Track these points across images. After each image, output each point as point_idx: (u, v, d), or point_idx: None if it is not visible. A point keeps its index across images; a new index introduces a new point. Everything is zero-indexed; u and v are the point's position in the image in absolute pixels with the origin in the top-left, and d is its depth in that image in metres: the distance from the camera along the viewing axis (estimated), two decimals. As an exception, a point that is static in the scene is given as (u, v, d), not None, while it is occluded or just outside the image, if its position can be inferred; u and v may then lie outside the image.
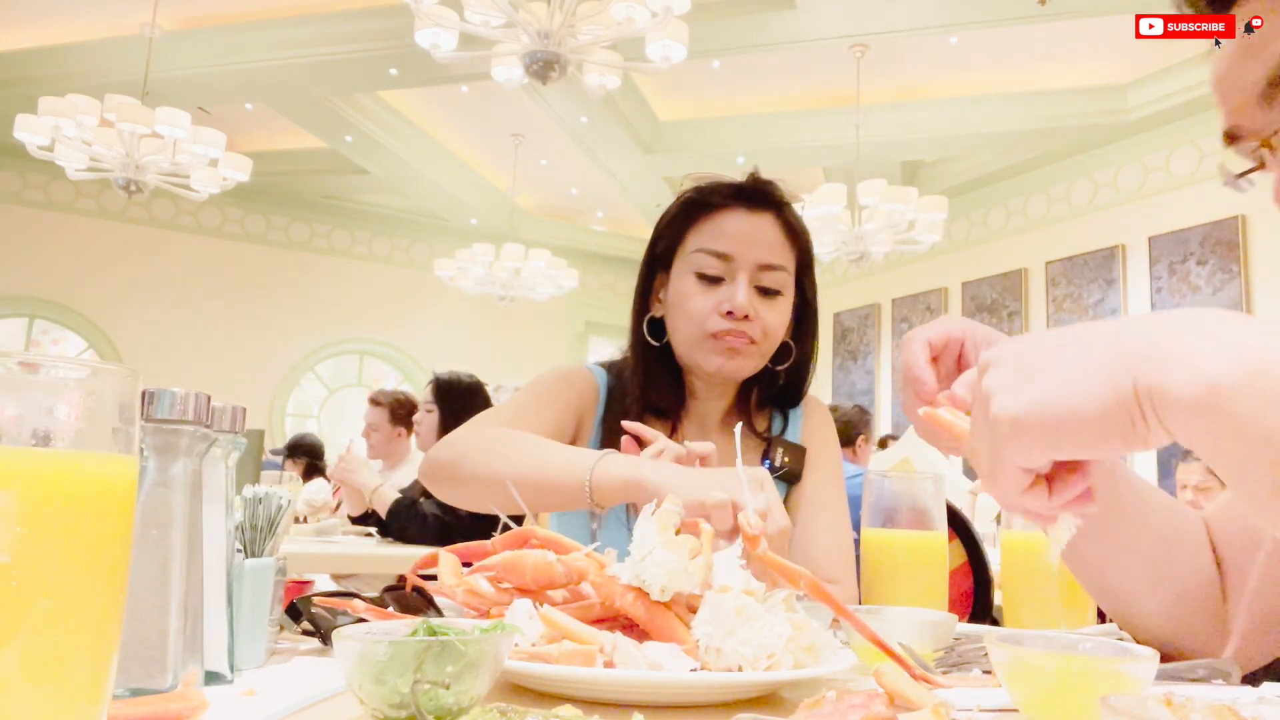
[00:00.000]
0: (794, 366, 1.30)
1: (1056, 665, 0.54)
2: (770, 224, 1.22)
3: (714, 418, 1.32)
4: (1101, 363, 0.49)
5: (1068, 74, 6.12)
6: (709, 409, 1.31)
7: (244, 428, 0.71)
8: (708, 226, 1.22)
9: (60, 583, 0.40)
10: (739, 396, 1.33)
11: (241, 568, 0.73)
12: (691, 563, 0.66)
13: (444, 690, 0.50)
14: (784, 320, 1.23)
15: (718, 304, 1.18)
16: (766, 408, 1.34)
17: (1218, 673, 0.70)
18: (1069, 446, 0.50)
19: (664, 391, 1.27)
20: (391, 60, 6.09)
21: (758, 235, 1.21)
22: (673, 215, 1.27)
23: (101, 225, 8.22)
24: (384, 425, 3.96)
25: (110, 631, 0.42)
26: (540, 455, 1.03)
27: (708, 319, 1.19)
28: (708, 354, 1.20)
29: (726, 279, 1.19)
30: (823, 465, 1.30)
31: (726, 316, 1.18)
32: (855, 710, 0.47)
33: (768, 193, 1.24)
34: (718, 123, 7.06)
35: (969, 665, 0.74)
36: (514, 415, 1.20)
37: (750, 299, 1.18)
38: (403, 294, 9.34)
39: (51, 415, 0.41)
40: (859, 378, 8.52)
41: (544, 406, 1.23)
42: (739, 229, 1.21)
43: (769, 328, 1.20)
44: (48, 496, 0.40)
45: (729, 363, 1.20)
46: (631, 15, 3.88)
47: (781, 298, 1.22)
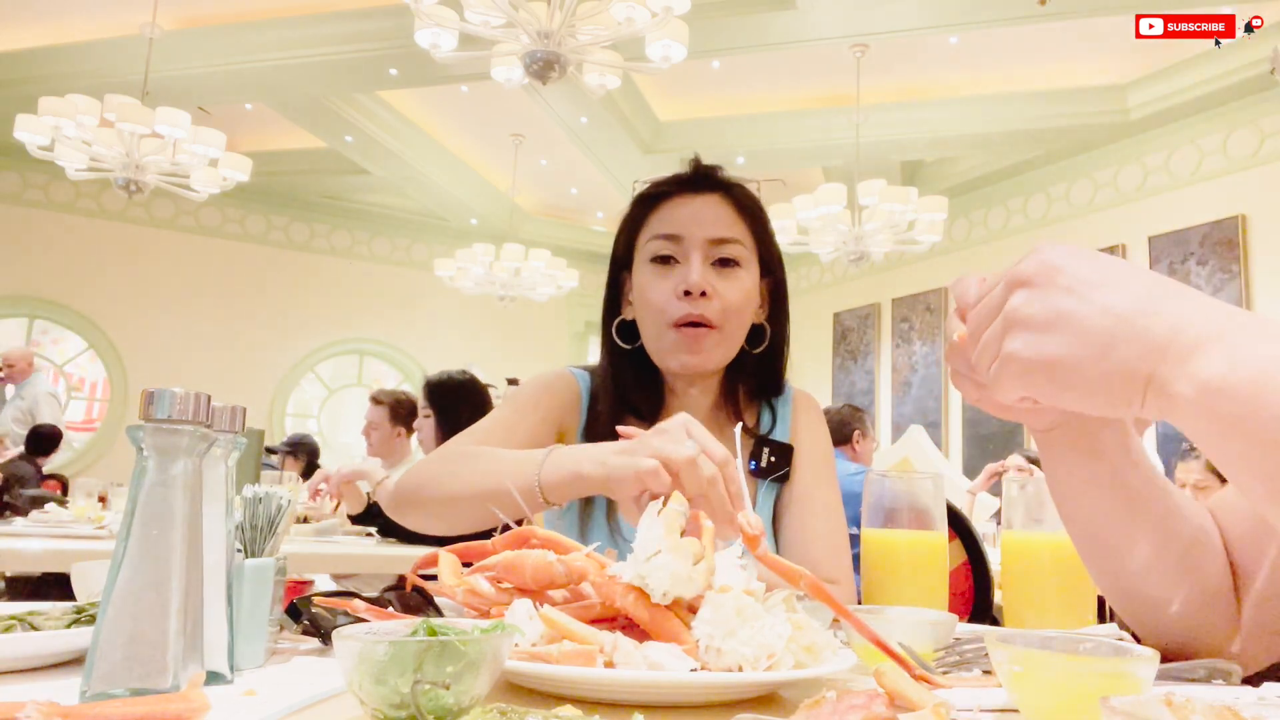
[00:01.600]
0: (770, 349, 1.28)
1: (1056, 665, 0.54)
2: (717, 202, 1.23)
3: (700, 415, 1.29)
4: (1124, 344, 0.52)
5: (1068, 74, 6.12)
6: (692, 405, 1.28)
7: (244, 428, 0.71)
8: (657, 216, 1.23)
9: None
10: (724, 390, 1.30)
11: (241, 568, 0.73)
12: (695, 569, 0.66)
13: (444, 690, 0.50)
14: (745, 295, 1.21)
15: (675, 286, 1.17)
16: (754, 401, 1.31)
17: (1218, 673, 0.70)
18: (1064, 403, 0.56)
19: (640, 392, 1.26)
20: (391, 60, 6.09)
21: (705, 213, 1.21)
22: (627, 215, 1.28)
23: (101, 225, 8.22)
24: (384, 424, 3.96)
25: None
26: (491, 466, 1.01)
27: (667, 305, 1.18)
28: (672, 350, 1.20)
29: (680, 259, 1.19)
30: (813, 463, 1.28)
31: (684, 298, 1.16)
32: (855, 710, 0.47)
33: (711, 176, 1.26)
34: (718, 123, 7.06)
35: (969, 665, 0.74)
36: (486, 433, 1.19)
37: (705, 275, 1.17)
38: (403, 294, 9.34)
39: None
40: (859, 378, 8.52)
41: (518, 419, 1.22)
42: (686, 210, 1.22)
43: (729, 303, 1.18)
44: None
45: (692, 357, 1.19)
46: (631, 15, 3.88)
47: (740, 269, 1.21)
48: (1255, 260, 5.80)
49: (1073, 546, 0.97)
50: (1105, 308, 0.53)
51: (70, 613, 0.76)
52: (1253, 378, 0.47)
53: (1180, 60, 5.81)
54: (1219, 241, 5.95)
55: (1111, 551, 0.78)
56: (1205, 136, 6.11)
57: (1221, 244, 5.94)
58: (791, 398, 1.33)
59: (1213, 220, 6.00)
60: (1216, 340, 0.49)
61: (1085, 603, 0.97)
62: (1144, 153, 6.47)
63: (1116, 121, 6.28)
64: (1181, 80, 5.89)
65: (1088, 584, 0.97)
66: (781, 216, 6.01)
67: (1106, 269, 0.56)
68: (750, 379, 1.30)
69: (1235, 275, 5.83)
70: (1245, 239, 5.84)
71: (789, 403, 1.32)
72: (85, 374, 8.52)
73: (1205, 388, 0.49)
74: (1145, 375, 0.51)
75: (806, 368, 8.90)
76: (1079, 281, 0.55)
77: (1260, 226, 5.80)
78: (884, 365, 8.34)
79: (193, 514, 0.59)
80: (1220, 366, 0.48)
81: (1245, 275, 5.80)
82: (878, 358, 8.41)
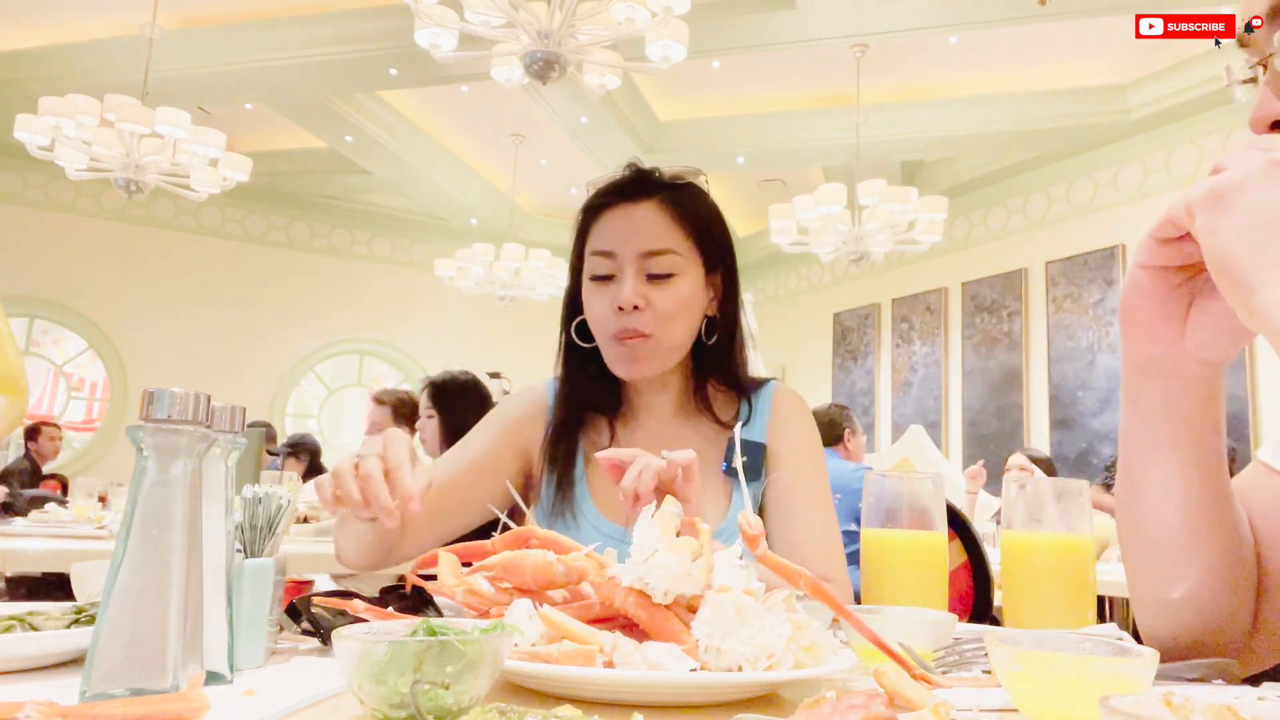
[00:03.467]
0: (723, 339, 1.29)
1: (1056, 665, 0.54)
2: (651, 211, 1.24)
3: (666, 409, 1.31)
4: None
5: (1068, 74, 6.12)
6: (655, 401, 1.30)
7: (244, 428, 0.71)
8: (595, 229, 1.26)
9: None
10: (689, 385, 1.32)
11: (241, 568, 0.73)
12: (694, 565, 0.66)
13: (443, 690, 0.50)
14: (681, 302, 1.22)
15: (611, 301, 1.21)
16: (731, 395, 1.32)
17: (1218, 672, 0.70)
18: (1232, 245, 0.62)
19: (597, 391, 1.30)
20: (391, 60, 6.09)
21: (637, 226, 1.23)
22: (576, 226, 1.31)
23: (101, 225, 8.22)
24: (387, 424, 3.96)
25: None
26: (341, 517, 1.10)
27: (605, 319, 1.22)
28: (614, 361, 1.24)
29: (616, 275, 1.22)
30: (797, 461, 1.28)
31: (619, 313, 1.20)
32: (855, 710, 0.47)
33: (645, 181, 1.27)
34: (718, 123, 7.06)
35: (969, 665, 0.74)
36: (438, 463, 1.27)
37: (638, 289, 1.20)
38: (403, 294, 9.34)
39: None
40: (859, 378, 8.52)
41: (472, 440, 1.30)
42: (618, 224, 1.24)
43: (662, 313, 1.21)
44: None
45: (633, 367, 1.23)
46: (631, 15, 3.87)
47: (674, 279, 1.22)
48: (1255, 260, 5.79)
49: (1072, 546, 0.97)
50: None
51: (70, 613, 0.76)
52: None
53: (1180, 60, 5.80)
54: (1219, 241, 5.95)
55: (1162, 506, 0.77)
56: (1205, 136, 6.11)
57: (1221, 244, 5.93)
58: (772, 394, 1.33)
59: (1213, 220, 5.99)
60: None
61: (1085, 603, 0.97)
62: (1144, 153, 6.47)
63: (1116, 121, 6.28)
64: (1181, 80, 5.89)
65: (1088, 584, 0.97)
66: (781, 216, 6.01)
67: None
68: (716, 373, 1.31)
69: (1235, 275, 5.82)
70: (1245, 239, 5.83)
71: (769, 399, 1.32)
72: (85, 374, 8.52)
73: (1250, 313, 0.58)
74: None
75: (806, 368, 8.90)
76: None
77: (1260, 226, 5.79)
78: (884, 365, 8.34)
79: (192, 514, 0.59)
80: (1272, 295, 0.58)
81: (1245, 275, 5.79)
82: (878, 358, 8.41)
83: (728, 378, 1.31)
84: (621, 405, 1.31)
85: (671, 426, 1.30)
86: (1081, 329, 6.69)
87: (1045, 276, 7.04)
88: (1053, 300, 6.96)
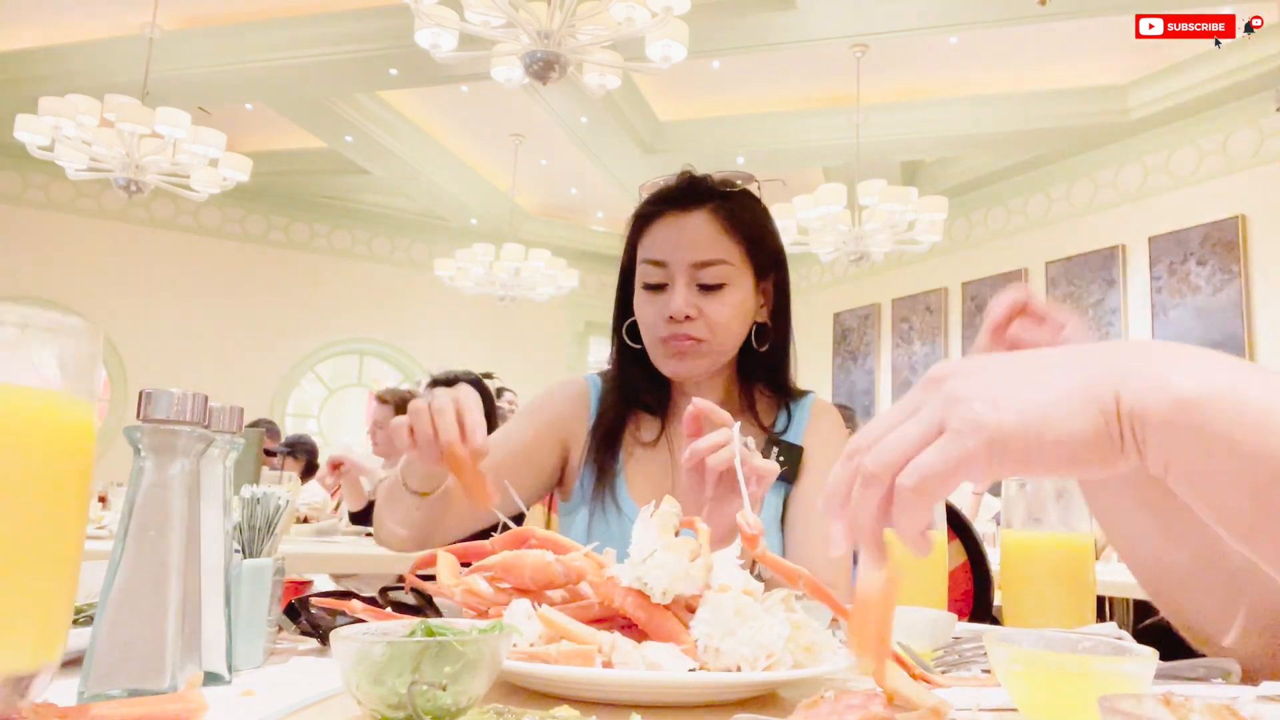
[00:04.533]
0: (774, 347, 1.32)
1: (1056, 665, 0.54)
2: (703, 220, 1.25)
3: None
4: (1081, 385, 0.47)
5: (1068, 74, 6.12)
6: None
7: (242, 428, 0.71)
8: (648, 237, 1.28)
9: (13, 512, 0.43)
10: (737, 390, 1.34)
11: (239, 568, 0.73)
12: (693, 565, 0.66)
13: (441, 691, 0.50)
14: (732, 311, 1.24)
15: (661, 310, 1.23)
16: (774, 403, 1.34)
17: (1217, 671, 0.70)
18: (1045, 465, 0.47)
19: (646, 388, 1.33)
20: (391, 60, 6.09)
21: (688, 236, 1.24)
22: (628, 231, 1.33)
23: (101, 225, 8.21)
24: (389, 423, 3.96)
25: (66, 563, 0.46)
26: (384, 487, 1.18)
27: (656, 326, 1.24)
28: (662, 359, 1.27)
29: (668, 284, 1.24)
30: (820, 468, 1.30)
31: (669, 322, 1.22)
32: (853, 710, 0.47)
33: (697, 189, 1.28)
34: (718, 123, 7.05)
35: (968, 665, 0.74)
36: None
37: (689, 299, 1.22)
38: (403, 294, 9.34)
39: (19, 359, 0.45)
40: (859, 378, 8.52)
41: (514, 428, 1.33)
42: (670, 234, 1.25)
43: (714, 322, 1.23)
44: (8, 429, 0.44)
45: (680, 364, 1.25)
46: (631, 15, 3.87)
47: (726, 289, 1.24)
48: (1255, 260, 5.80)
49: (1072, 546, 0.97)
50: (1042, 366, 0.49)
51: (68, 613, 0.76)
52: (1227, 390, 0.45)
53: (1180, 60, 5.80)
54: (1219, 241, 5.95)
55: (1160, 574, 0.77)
56: (1205, 136, 6.11)
57: (1221, 244, 5.94)
58: (811, 404, 1.36)
59: (1213, 220, 5.99)
60: (1174, 364, 0.47)
61: (1085, 602, 0.97)
62: (1144, 153, 6.47)
63: (1116, 121, 6.27)
64: (1181, 80, 5.89)
65: (1087, 584, 0.97)
66: (781, 216, 6.00)
67: (1020, 355, 0.51)
68: (763, 378, 1.34)
69: (1235, 275, 5.83)
70: (1245, 239, 5.84)
71: (807, 409, 1.35)
72: (85, 374, 8.51)
73: (1181, 403, 0.45)
74: (1114, 406, 0.46)
75: (806, 368, 8.88)
76: (1006, 360, 0.50)
77: (1260, 226, 5.80)
78: (884, 365, 8.34)
79: (190, 514, 0.59)
80: (1191, 383, 0.46)
81: (1245, 275, 5.80)
82: (878, 358, 8.41)
83: (775, 384, 1.34)
84: (668, 404, 1.34)
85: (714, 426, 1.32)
86: (1081, 329, 6.68)
87: (1045, 276, 7.05)
88: (1053, 300, 6.95)
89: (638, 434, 1.32)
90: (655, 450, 1.31)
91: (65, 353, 0.47)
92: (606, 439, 1.30)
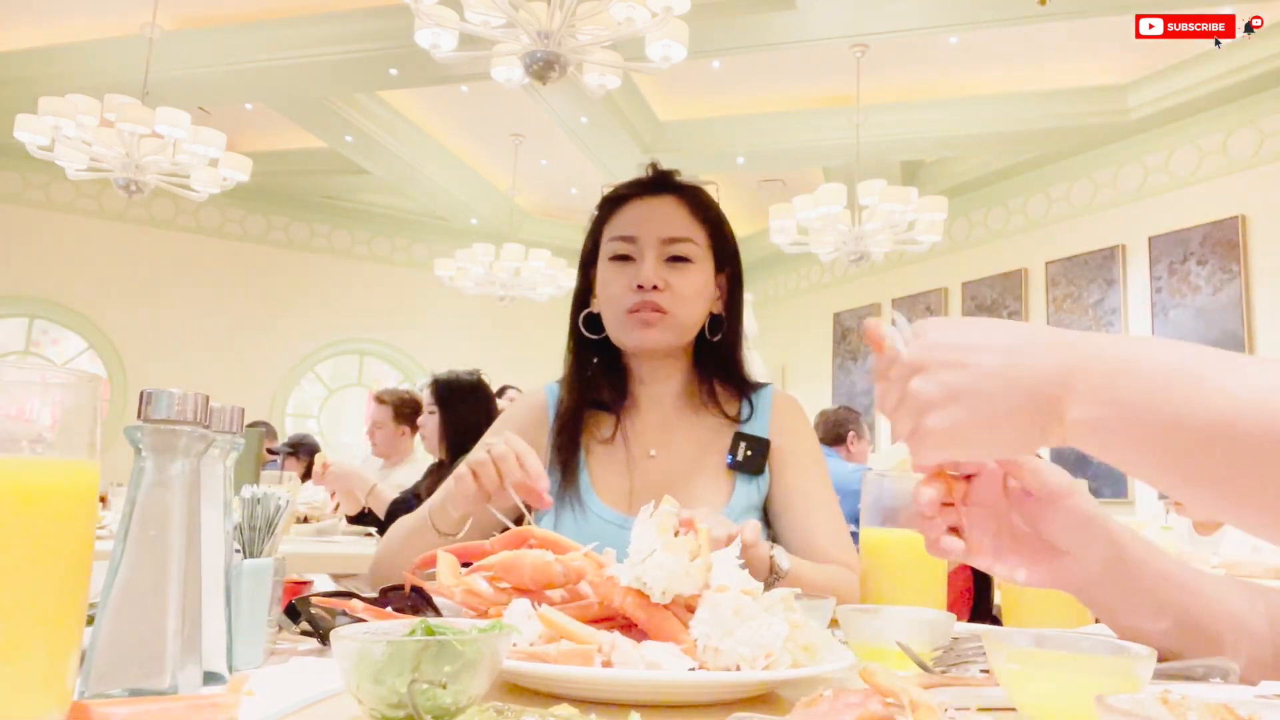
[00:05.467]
0: (726, 341, 1.36)
1: (1054, 664, 0.54)
2: (672, 203, 1.33)
3: (669, 401, 1.36)
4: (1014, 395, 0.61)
5: (1068, 74, 6.12)
6: (659, 392, 1.35)
7: (242, 428, 0.71)
8: (617, 218, 1.34)
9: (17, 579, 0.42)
10: (693, 379, 1.37)
11: (240, 568, 0.73)
12: (692, 565, 0.67)
13: (441, 690, 0.50)
14: (696, 287, 1.30)
15: (630, 280, 1.28)
16: (733, 394, 1.37)
17: (1215, 671, 0.70)
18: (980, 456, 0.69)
19: (606, 383, 1.35)
20: (391, 60, 6.09)
21: (659, 214, 1.31)
22: (593, 218, 1.39)
23: (101, 225, 8.21)
24: (388, 423, 3.96)
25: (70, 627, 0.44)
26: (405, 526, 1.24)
27: (624, 296, 1.28)
28: (627, 330, 1.29)
29: (636, 258, 1.29)
30: (799, 459, 1.32)
31: (638, 290, 1.26)
32: (851, 709, 0.47)
33: (667, 179, 1.36)
34: (718, 123, 7.05)
35: (967, 664, 0.74)
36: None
37: (658, 270, 1.27)
38: (403, 294, 9.34)
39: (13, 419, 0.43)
40: (859, 378, 8.52)
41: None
42: (642, 212, 1.32)
43: (679, 294, 1.28)
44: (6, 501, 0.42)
45: (646, 334, 1.28)
46: (631, 15, 3.87)
47: (692, 265, 1.30)
48: (1255, 260, 5.80)
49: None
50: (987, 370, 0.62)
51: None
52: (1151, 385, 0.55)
53: (1180, 60, 5.80)
54: (1219, 241, 5.95)
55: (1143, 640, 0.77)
56: (1205, 136, 6.10)
57: (1221, 244, 5.94)
58: (772, 396, 1.38)
59: (1213, 220, 5.99)
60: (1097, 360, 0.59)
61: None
62: (1144, 153, 6.47)
63: (1116, 121, 6.27)
64: (1181, 80, 5.89)
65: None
66: (781, 216, 6.01)
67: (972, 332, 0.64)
68: (719, 370, 1.37)
69: (1235, 275, 5.83)
70: (1245, 239, 5.84)
71: (768, 400, 1.38)
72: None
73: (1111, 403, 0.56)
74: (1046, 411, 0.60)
75: (807, 368, 8.89)
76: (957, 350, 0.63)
77: (1260, 226, 5.80)
78: (884, 365, 8.33)
79: (191, 514, 0.59)
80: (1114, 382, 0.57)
81: (1245, 275, 5.79)
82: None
83: (731, 376, 1.37)
84: (626, 398, 1.36)
85: (675, 418, 1.35)
86: (1082, 329, 6.67)
87: (1045, 276, 7.04)
88: (1053, 300, 6.96)
89: (597, 432, 1.35)
90: (613, 446, 1.33)
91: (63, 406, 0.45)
92: (567, 440, 1.32)
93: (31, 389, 0.44)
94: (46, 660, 0.43)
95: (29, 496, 0.43)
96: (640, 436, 1.34)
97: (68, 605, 0.45)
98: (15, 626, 0.42)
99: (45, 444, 0.44)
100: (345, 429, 9.29)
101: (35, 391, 0.44)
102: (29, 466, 0.44)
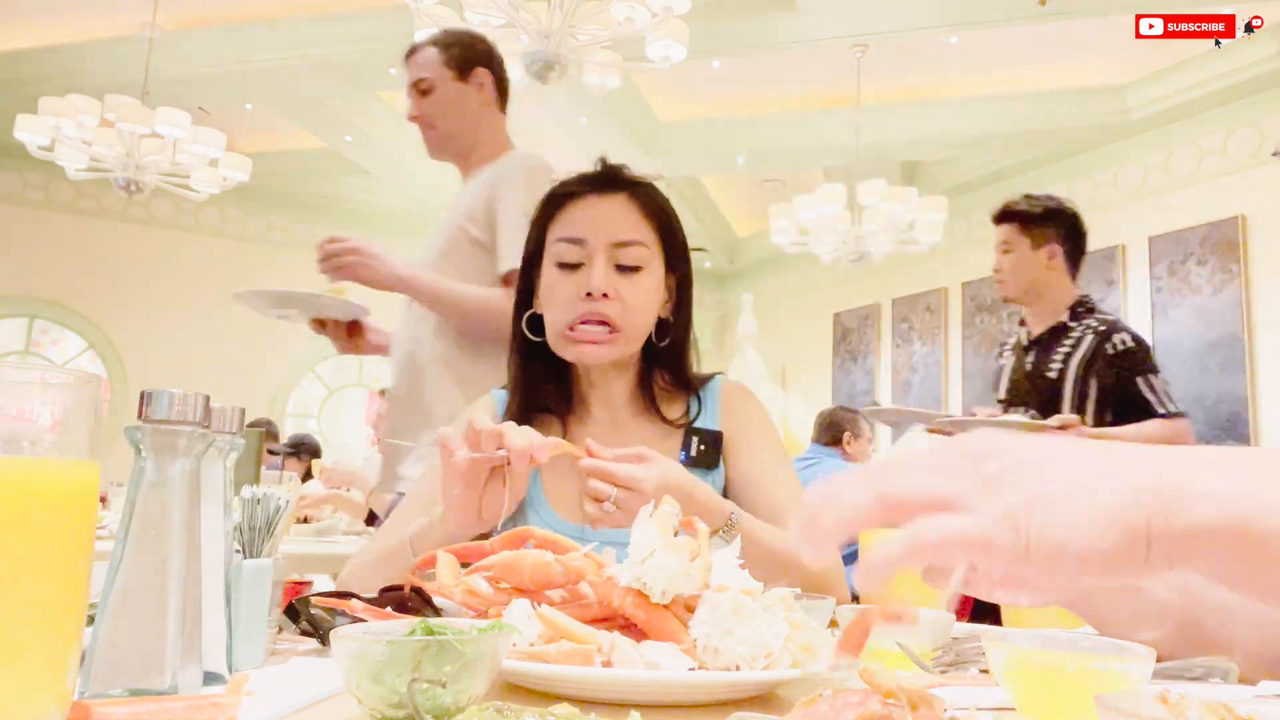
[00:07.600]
0: (674, 343, 1.31)
1: (1054, 664, 0.54)
2: (622, 203, 1.26)
3: (618, 402, 1.31)
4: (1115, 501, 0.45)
5: (1068, 74, 6.11)
6: (607, 394, 1.31)
7: (242, 428, 0.71)
8: (563, 217, 1.26)
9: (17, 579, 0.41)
10: (640, 382, 1.32)
11: (240, 568, 0.73)
12: (692, 565, 0.67)
13: (441, 689, 0.50)
14: (646, 296, 1.24)
15: (578, 288, 1.21)
16: (679, 393, 1.33)
17: (1215, 671, 0.70)
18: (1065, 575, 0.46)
19: (551, 386, 1.31)
20: (391, 60, 6.08)
21: (609, 216, 1.24)
22: (536, 215, 1.31)
23: (101, 225, 8.21)
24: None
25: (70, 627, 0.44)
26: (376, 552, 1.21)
27: (571, 305, 1.22)
28: (567, 347, 1.24)
29: (585, 263, 1.23)
30: (751, 441, 1.29)
31: (587, 299, 1.20)
32: (850, 708, 0.47)
33: (616, 175, 1.28)
34: (718, 123, 7.05)
35: (966, 664, 0.74)
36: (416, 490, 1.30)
37: (608, 278, 1.21)
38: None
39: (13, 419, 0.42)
40: (859, 378, 8.52)
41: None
42: (590, 213, 1.25)
43: (630, 305, 1.22)
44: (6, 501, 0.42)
45: (591, 349, 1.23)
46: (631, 15, 3.87)
47: (642, 273, 1.24)
48: (1255, 260, 5.79)
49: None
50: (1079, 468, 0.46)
51: (69, 612, 0.76)
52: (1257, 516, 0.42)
53: (1180, 60, 5.80)
54: (1219, 241, 5.95)
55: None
56: (1205, 136, 6.10)
57: (1221, 244, 5.93)
58: (719, 386, 1.35)
59: (1213, 220, 5.99)
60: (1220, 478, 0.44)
61: (1083, 602, 0.97)
62: (1144, 153, 6.47)
63: (1116, 121, 6.27)
64: (1181, 80, 5.89)
65: (1086, 584, 0.97)
66: (781, 216, 6.01)
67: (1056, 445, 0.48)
68: (666, 371, 1.32)
69: (1235, 275, 5.82)
70: (1245, 239, 5.84)
71: (716, 391, 1.34)
72: (85, 374, 8.51)
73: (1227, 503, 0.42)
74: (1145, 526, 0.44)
75: (806, 368, 8.89)
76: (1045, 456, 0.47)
77: (1260, 226, 5.80)
78: (884, 365, 8.33)
79: (191, 515, 0.59)
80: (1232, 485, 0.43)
81: (1245, 275, 5.79)
82: (878, 358, 8.40)
83: (676, 377, 1.33)
84: (572, 400, 1.32)
85: (624, 419, 1.31)
86: (1081, 329, 6.69)
87: (1045, 276, 7.04)
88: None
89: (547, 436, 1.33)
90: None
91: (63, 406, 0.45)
92: None
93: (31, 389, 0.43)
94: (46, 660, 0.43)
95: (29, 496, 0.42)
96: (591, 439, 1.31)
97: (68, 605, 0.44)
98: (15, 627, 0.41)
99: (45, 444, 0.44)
100: (345, 429, 9.29)
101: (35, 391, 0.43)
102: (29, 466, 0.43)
